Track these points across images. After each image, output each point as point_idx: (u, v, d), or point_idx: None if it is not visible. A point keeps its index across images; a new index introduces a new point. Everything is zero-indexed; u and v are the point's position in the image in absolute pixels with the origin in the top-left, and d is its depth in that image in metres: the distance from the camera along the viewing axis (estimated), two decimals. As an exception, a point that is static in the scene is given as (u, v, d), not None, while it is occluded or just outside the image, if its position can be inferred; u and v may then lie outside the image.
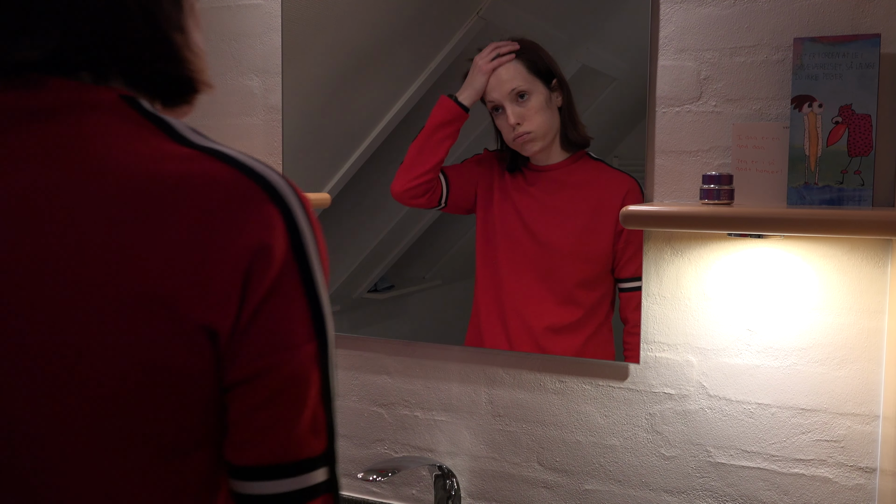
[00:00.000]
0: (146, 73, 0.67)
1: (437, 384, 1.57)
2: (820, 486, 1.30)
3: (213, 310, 0.60)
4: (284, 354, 0.63)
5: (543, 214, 1.47)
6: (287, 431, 0.65)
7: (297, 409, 0.65)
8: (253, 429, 0.64)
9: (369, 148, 1.58)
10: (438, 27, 1.50)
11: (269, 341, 0.63)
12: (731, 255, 1.33)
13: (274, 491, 0.64)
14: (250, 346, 0.62)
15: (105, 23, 0.64)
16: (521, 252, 1.49)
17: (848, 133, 1.17)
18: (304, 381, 0.65)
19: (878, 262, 1.25)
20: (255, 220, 0.61)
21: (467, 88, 1.49)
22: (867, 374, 1.26)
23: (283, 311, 0.63)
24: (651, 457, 1.41)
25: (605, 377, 1.44)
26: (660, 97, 1.36)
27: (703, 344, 1.36)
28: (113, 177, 0.61)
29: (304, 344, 0.64)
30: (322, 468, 0.66)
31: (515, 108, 1.44)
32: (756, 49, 1.29)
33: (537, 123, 1.44)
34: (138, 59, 0.66)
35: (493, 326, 1.52)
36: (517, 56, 1.45)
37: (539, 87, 1.44)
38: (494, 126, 1.49)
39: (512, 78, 1.44)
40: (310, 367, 0.65)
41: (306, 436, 0.65)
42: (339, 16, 1.59)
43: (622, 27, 1.37)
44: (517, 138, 1.45)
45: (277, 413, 0.64)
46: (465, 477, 1.56)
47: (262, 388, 0.63)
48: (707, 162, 1.33)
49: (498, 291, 1.52)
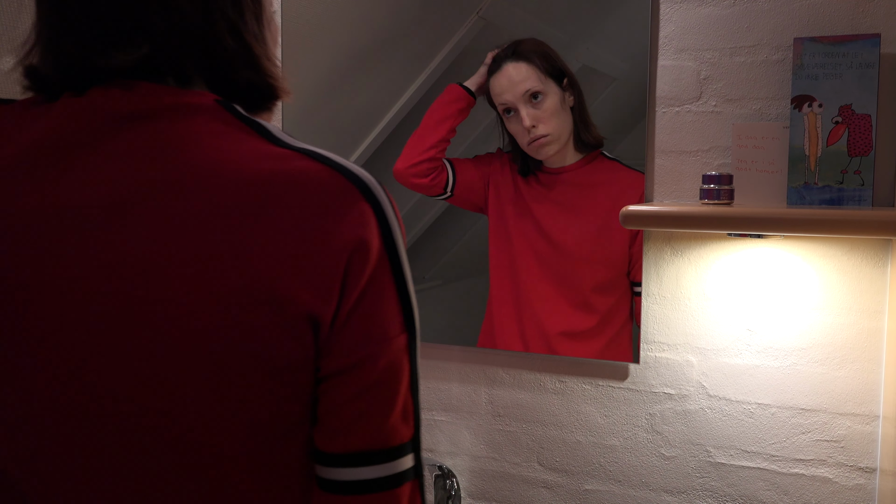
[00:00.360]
0: (229, 81, 0.71)
1: (437, 384, 1.57)
2: (820, 486, 1.30)
3: (317, 299, 0.63)
4: (381, 346, 0.66)
5: (559, 218, 1.44)
6: (381, 420, 0.67)
7: (392, 398, 0.67)
8: (348, 418, 0.66)
9: (369, 147, 1.58)
10: (438, 27, 1.50)
11: (366, 333, 0.65)
12: (731, 255, 1.33)
13: (367, 476, 0.67)
14: (349, 337, 0.65)
15: (194, 35, 0.68)
16: (536, 256, 1.47)
17: (848, 133, 1.17)
18: (398, 372, 0.67)
19: (878, 262, 1.25)
20: (353, 215, 0.65)
21: (473, 77, 1.48)
22: (867, 374, 1.26)
23: (378, 304, 0.66)
24: (651, 457, 1.41)
25: (605, 377, 1.44)
26: (660, 97, 1.36)
27: (703, 344, 1.36)
28: (215, 174, 0.64)
29: (397, 336, 0.67)
30: (410, 454, 0.69)
31: (530, 109, 1.42)
32: (756, 49, 1.29)
33: (553, 125, 1.42)
34: (223, 68, 0.70)
35: (507, 332, 1.51)
36: (528, 56, 1.42)
37: (552, 87, 1.42)
38: (506, 132, 1.47)
39: (525, 79, 1.42)
40: (402, 357, 0.68)
41: (398, 424, 0.68)
42: (339, 16, 1.59)
43: (622, 27, 1.37)
44: (533, 142, 1.43)
45: (373, 402, 0.66)
46: (465, 477, 1.56)
47: (358, 379, 0.66)
48: (707, 162, 1.33)
49: (512, 296, 1.50)
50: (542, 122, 1.41)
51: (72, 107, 0.66)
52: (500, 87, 1.44)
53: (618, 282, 1.41)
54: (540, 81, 1.41)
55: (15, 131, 0.67)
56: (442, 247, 1.56)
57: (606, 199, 1.41)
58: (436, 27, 1.50)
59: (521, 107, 1.42)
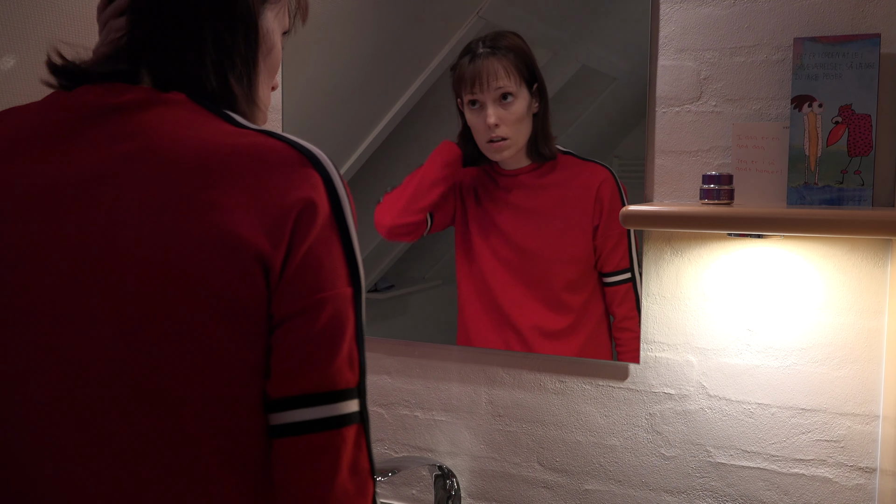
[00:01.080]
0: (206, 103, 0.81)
1: (437, 384, 1.57)
2: (820, 486, 1.30)
3: (267, 243, 0.71)
4: (327, 295, 0.73)
5: (521, 222, 1.44)
6: (327, 364, 0.73)
7: (337, 344, 0.74)
8: (296, 361, 0.72)
9: (369, 148, 1.58)
10: (438, 27, 1.50)
11: (314, 282, 0.73)
12: (731, 255, 1.33)
13: (312, 417, 0.73)
14: (299, 284, 0.72)
15: (183, 74, 0.79)
16: (504, 263, 1.47)
17: (848, 133, 1.17)
18: (343, 320, 0.74)
19: (878, 262, 1.25)
20: (304, 179, 0.74)
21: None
22: (867, 374, 1.26)
23: (327, 258, 0.74)
24: (651, 457, 1.41)
25: (605, 377, 1.44)
26: (660, 97, 1.36)
27: (703, 344, 1.36)
28: (179, 145, 0.73)
29: (343, 287, 0.74)
30: (355, 399, 0.75)
31: (498, 108, 1.40)
32: (756, 49, 1.29)
33: (515, 130, 1.41)
34: (203, 98, 0.80)
35: (484, 339, 1.52)
36: (508, 55, 1.40)
37: (524, 91, 1.41)
38: (464, 122, 1.46)
39: (503, 76, 1.39)
40: (347, 308, 0.75)
41: (343, 369, 0.74)
42: (339, 16, 1.59)
43: (622, 27, 1.37)
44: (491, 141, 1.42)
45: (319, 347, 0.73)
46: (465, 477, 1.56)
47: (306, 324, 0.72)
48: (707, 162, 1.33)
49: (485, 306, 1.50)
50: (505, 124, 1.40)
51: (61, 100, 0.77)
52: (472, 78, 1.41)
53: (587, 276, 1.41)
54: (514, 83, 1.40)
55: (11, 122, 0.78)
56: (441, 247, 1.56)
57: (565, 198, 1.41)
58: (436, 27, 1.50)
59: (489, 103, 1.40)
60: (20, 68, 1.52)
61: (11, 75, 1.52)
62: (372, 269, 1.61)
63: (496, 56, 1.40)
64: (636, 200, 1.38)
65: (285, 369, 0.72)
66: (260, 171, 0.73)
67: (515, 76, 1.40)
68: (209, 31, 0.79)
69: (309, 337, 0.72)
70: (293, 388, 0.72)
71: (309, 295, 0.72)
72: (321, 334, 0.73)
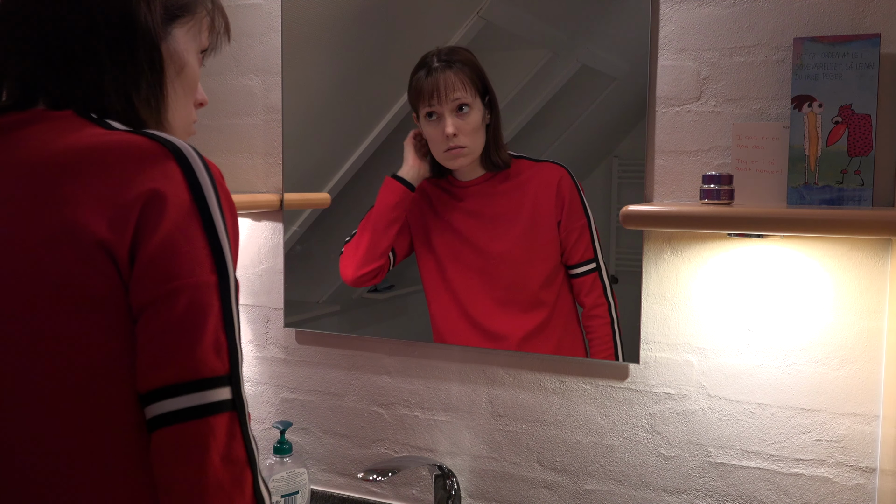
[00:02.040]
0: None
1: (437, 384, 1.57)
2: (820, 486, 1.30)
3: (108, 230, 0.73)
4: (186, 281, 0.73)
5: (485, 230, 1.48)
6: (188, 353, 0.73)
7: (199, 331, 0.73)
8: (156, 352, 0.73)
9: (369, 148, 1.58)
10: (438, 27, 1.50)
11: (169, 271, 0.73)
12: (731, 255, 1.33)
13: (177, 407, 0.73)
14: (153, 274, 0.73)
15: (87, 98, 0.81)
16: (477, 272, 1.49)
17: (848, 133, 1.17)
18: (205, 307, 0.74)
19: (878, 262, 1.25)
20: (157, 170, 0.75)
21: (405, 167, 1.51)
22: (867, 374, 1.26)
23: (185, 247, 0.74)
24: (651, 457, 1.41)
25: (605, 377, 1.44)
26: (660, 97, 1.36)
27: (703, 344, 1.36)
28: (44, 150, 0.77)
29: (205, 275, 0.75)
30: (226, 387, 0.75)
31: (455, 119, 1.44)
32: (756, 49, 1.29)
33: (471, 139, 1.46)
34: (109, 118, 0.82)
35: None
36: (463, 66, 1.44)
37: (478, 103, 1.45)
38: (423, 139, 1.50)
39: (459, 88, 1.44)
40: (210, 295, 0.75)
41: (208, 357, 0.74)
42: (339, 16, 1.59)
43: (622, 27, 1.37)
44: (449, 150, 1.46)
45: (179, 336, 0.73)
46: (465, 477, 1.56)
47: (163, 313, 0.73)
48: (707, 162, 1.33)
49: (461, 321, 1.52)
50: (463, 134, 1.45)
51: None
52: (430, 91, 1.45)
53: (557, 269, 1.45)
54: (470, 94, 1.44)
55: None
56: (442, 247, 1.56)
57: (524, 199, 1.46)
58: (436, 27, 1.50)
59: (446, 114, 1.44)
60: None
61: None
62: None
63: (452, 69, 1.45)
64: (636, 200, 1.38)
65: (148, 360, 0.73)
66: (115, 165, 0.75)
67: (471, 88, 1.45)
68: (107, 55, 0.81)
69: (167, 326, 0.73)
70: (158, 379, 0.73)
71: (163, 283, 0.73)
72: (179, 323, 0.73)
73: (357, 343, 1.64)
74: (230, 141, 1.72)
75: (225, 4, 1.74)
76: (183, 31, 0.88)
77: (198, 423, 0.73)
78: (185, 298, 0.73)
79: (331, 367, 1.67)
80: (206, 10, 0.92)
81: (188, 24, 0.89)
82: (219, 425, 0.73)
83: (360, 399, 1.64)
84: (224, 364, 0.75)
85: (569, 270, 1.45)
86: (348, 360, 1.65)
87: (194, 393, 0.73)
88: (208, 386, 0.73)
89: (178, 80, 0.88)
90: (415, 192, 1.52)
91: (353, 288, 1.62)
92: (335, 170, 1.62)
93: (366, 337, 1.63)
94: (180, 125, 0.91)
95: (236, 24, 1.70)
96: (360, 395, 1.64)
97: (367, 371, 1.63)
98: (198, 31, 0.91)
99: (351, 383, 1.65)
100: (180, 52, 0.88)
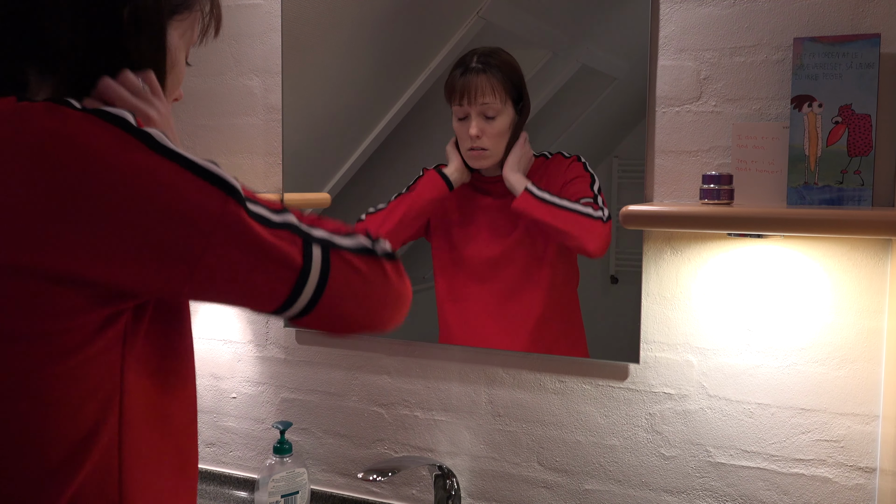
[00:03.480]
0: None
1: (437, 384, 1.57)
2: (820, 486, 1.30)
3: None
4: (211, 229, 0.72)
5: (501, 223, 1.49)
6: (275, 272, 0.76)
7: (265, 250, 0.75)
8: (253, 291, 0.76)
9: (369, 148, 1.58)
10: (438, 27, 1.50)
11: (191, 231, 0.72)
12: (731, 255, 1.33)
13: (307, 300, 0.77)
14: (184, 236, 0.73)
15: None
16: (491, 265, 1.50)
17: (848, 133, 1.17)
18: (245, 233, 0.73)
19: (878, 262, 1.25)
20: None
21: (450, 166, 1.51)
22: (867, 374, 1.26)
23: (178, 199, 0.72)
24: (651, 457, 1.41)
25: (605, 377, 1.44)
26: (660, 97, 1.36)
27: (703, 344, 1.36)
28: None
29: (217, 205, 0.71)
30: (316, 248, 0.78)
31: (481, 122, 1.45)
32: (756, 49, 1.29)
33: (495, 143, 1.46)
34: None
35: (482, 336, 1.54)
36: (498, 74, 1.44)
37: (509, 108, 1.45)
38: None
39: (488, 94, 1.44)
40: (239, 220, 0.73)
41: (289, 254, 0.76)
42: (339, 16, 1.59)
43: (622, 27, 1.37)
44: (472, 150, 1.47)
45: (257, 266, 0.75)
46: (465, 477, 1.56)
47: (227, 262, 0.73)
48: (707, 162, 1.33)
49: (475, 315, 1.52)
50: (487, 137, 1.45)
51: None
52: (460, 91, 1.46)
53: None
54: (501, 103, 1.44)
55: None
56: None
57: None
58: (436, 27, 1.50)
59: (473, 116, 1.45)
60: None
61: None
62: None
63: (486, 73, 1.45)
64: (636, 200, 1.38)
65: (253, 298, 0.78)
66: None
67: (502, 94, 1.44)
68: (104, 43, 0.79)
69: (241, 272, 0.76)
70: (273, 306, 0.78)
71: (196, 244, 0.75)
72: (247, 264, 0.76)
73: (357, 343, 1.64)
74: (230, 141, 1.72)
75: (225, 4, 1.74)
76: (179, 30, 0.87)
77: (326, 292, 0.78)
78: (231, 244, 0.72)
79: (331, 367, 1.67)
80: (200, 8, 0.90)
81: (184, 23, 0.88)
82: (337, 268, 0.79)
83: (360, 399, 1.64)
84: (297, 242, 0.77)
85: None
86: (348, 360, 1.65)
87: (304, 283, 0.76)
88: (307, 265, 0.77)
89: (169, 76, 0.86)
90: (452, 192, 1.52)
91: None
92: (335, 170, 1.62)
93: (366, 337, 1.63)
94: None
95: (236, 24, 1.70)
96: (360, 395, 1.64)
97: (367, 371, 1.63)
98: (192, 28, 0.90)
99: (351, 383, 1.65)
100: (172, 49, 0.86)
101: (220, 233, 0.71)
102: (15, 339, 0.69)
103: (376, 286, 0.82)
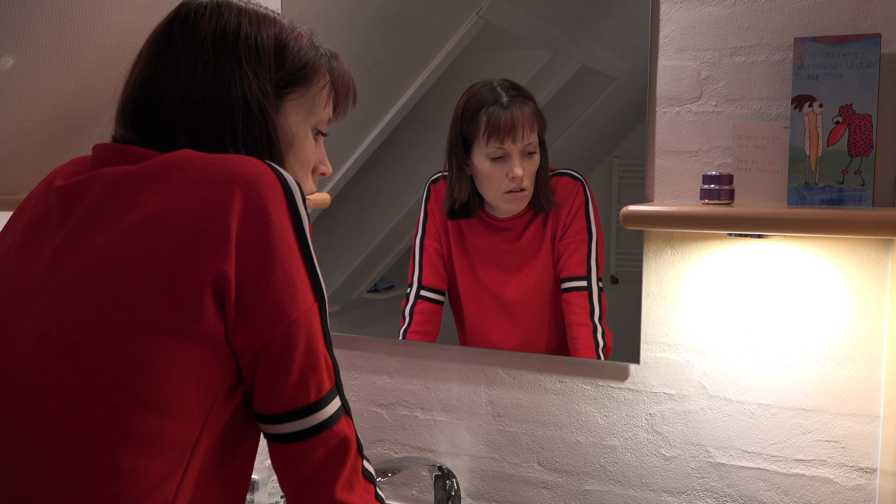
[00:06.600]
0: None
1: (437, 384, 1.57)
2: (820, 487, 1.30)
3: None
4: (301, 316, 0.81)
5: (527, 258, 1.45)
6: (308, 380, 0.81)
7: (315, 359, 0.82)
8: (280, 385, 0.79)
9: (369, 148, 1.58)
10: (438, 27, 1.50)
11: (285, 305, 0.82)
12: (732, 255, 1.33)
13: (300, 428, 0.80)
14: (271, 309, 0.81)
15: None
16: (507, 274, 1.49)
17: (848, 133, 1.17)
18: (315, 335, 0.82)
19: (878, 262, 1.25)
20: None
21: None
22: (867, 375, 1.26)
23: (292, 280, 0.83)
24: (651, 457, 1.41)
25: (605, 377, 1.44)
26: (660, 97, 1.35)
27: (704, 344, 1.36)
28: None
29: (309, 303, 0.82)
30: (336, 397, 0.84)
31: (525, 161, 1.40)
32: (756, 49, 1.29)
33: (531, 182, 1.42)
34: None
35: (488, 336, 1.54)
36: (532, 102, 1.39)
37: (539, 149, 1.42)
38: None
39: (531, 126, 1.39)
40: (316, 322, 0.82)
41: (324, 379, 0.82)
42: (339, 16, 1.59)
43: (622, 27, 1.37)
44: (513, 191, 1.41)
45: (301, 368, 0.81)
46: (465, 477, 1.56)
47: (288, 350, 0.80)
48: (707, 162, 1.33)
49: (495, 317, 1.52)
50: (528, 176, 1.41)
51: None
52: (506, 130, 1.37)
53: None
54: (536, 136, 1.40)
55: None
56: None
57: (549, 223, 1.43)
58: (436, 27, 1.50)
59: (515, 155, 1.39)
60: (20, 68, 1.52)
61: (11, 75, 1.52)
62: (372, 270, 1.61)
63: (526, 107, 1.38)
64: (636, 200, 1.38)
65: (269, 391, 0.82)
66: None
67: (537, 128, 1.40)
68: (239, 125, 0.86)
69: (288, 362, 0.83)
70: (280, 407, 0.83)
71: (279, 320, 0.82)
72: (300, 357, 0.84)
73: (357, 343, 1.64)
74: (230, 141, 1.72)
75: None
76: (293, 104, 0.91)
77: (318, 439, 0.81)
78: (303, 333, 0.79)
79: (331, 368, 1.67)
80: (324, 82, 0.93)
81: (301, 100, 0.91)
82: (340, 429, 0.83)
83: (359, 399, 1.64)
84: (332, 378, 0.83)
85: (561, 284, 1.43)
86: (348, 360, 1.65)
87: (314, 413, 0.81)
88: (325, 403, 0.81)
89: (290, 153, 0.91)
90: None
91: (352, 288, 1.62)
92: (335, 170, 1.62)
93: (366, 337, 1.63)
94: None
95: (236, 24, 1.70)
96: (360, 395, 1.64)
97: (367, 371, 1.63)
98: (311, 103, 0.93)
99: (351, 383, 1.65)
100: (288, 126, 0.90)
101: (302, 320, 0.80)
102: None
103: (350, 482, 0.85)
